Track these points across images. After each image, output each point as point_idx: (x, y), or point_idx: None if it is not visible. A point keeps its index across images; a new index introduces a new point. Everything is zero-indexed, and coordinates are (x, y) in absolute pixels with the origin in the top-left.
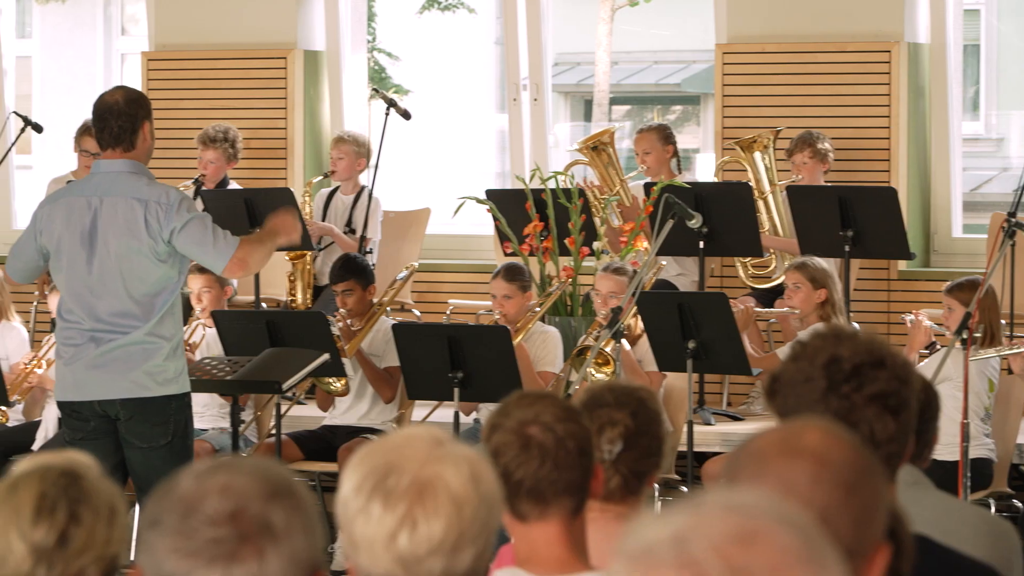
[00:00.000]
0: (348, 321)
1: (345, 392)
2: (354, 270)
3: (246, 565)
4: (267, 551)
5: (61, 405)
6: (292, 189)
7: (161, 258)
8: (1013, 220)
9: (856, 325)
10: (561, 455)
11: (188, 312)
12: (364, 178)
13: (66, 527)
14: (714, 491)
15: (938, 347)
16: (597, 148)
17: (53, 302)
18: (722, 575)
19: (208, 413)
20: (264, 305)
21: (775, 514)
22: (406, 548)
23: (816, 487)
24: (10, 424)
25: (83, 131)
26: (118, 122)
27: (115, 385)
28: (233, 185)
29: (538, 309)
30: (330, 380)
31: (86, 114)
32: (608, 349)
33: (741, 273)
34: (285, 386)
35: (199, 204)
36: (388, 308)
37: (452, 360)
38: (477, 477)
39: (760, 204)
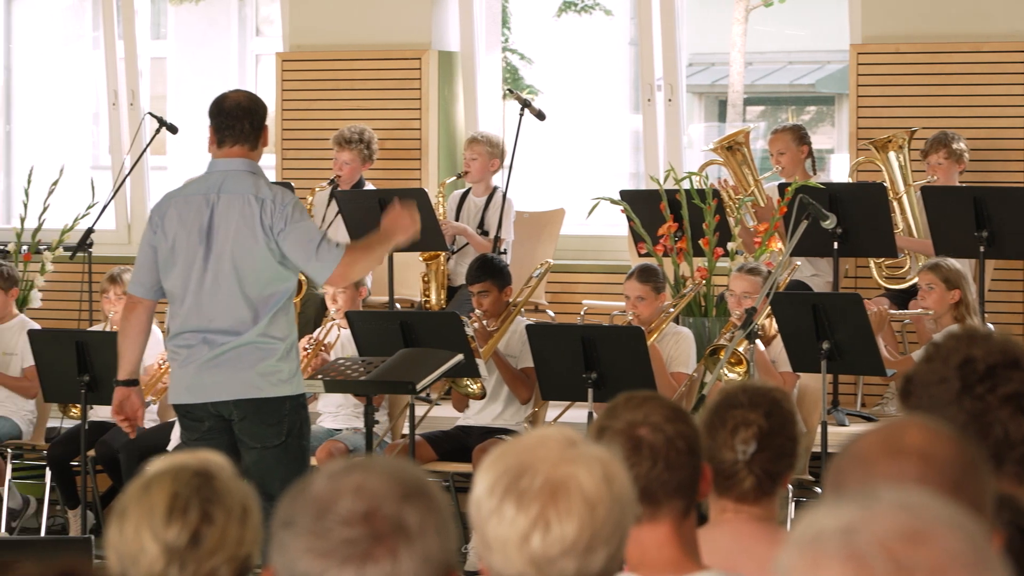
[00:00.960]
0: (484, 322)
1: (482, 395)
2: (491, 271)
3: (380, 565)
4: (400, 551)
5: (176, 407)
6: (426, 190)
7: (276, 257)
8: None
9: (990, 326)
10: (672, 455)
11: (323, 313)
12: (497, 179)
13: (198, 527)
14: (888, 488)
15: None
16: (731, 148)
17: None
18: (887, 571)
19: (342, 413)
20: (398, 306)
21: (946, 517)
22: (539, 549)
23: (924, 485)
24: (145, 425)
25: None
26: (249, 120)
27: (228, 386)
28: (368, 186)
29: (672, 310)
30: (467, 382)
31: None
32: (741, 350)
33: (875, 274)
34: (419, 386)
35: (333, 206)
36: (523, 308)
37: (586, 361)
38: (610, 477)
39: (894, 205)
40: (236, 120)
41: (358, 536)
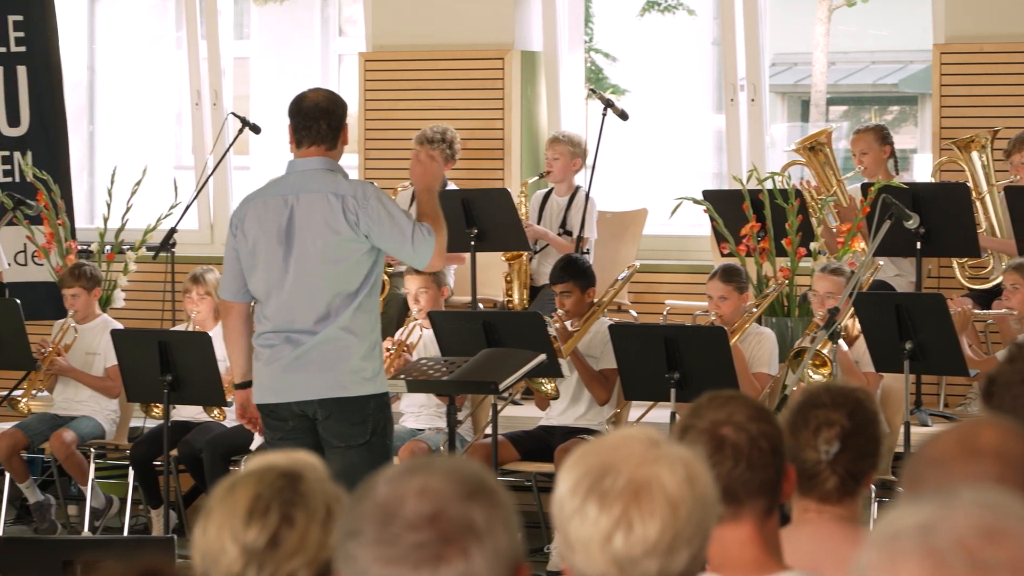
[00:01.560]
0: (566, 322)
1: (556, 395)
2: (575, 272)
3: (453, 566)
4: (471, 550)
5: (260, 406)
6: (508, 190)
7: (359, 254)
8: None
9: None
10: (755, 455)
11: (405, 313)
12: (579, 178)
13: (277, 529)
14: (967, 486)
15: None
16: (814, 148)
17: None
18: (965, 568)
19: (425, 413)
20: (481, 306)
21: None
22: (621, 549)
23: (1001, 485)
24: (228, 424)
25: None
26: (326, 121)
27: (312, 386)
28: (451, 186)
29: (755, 310)
30: (541, 381)
31: None
32: (825, 351)
33: (958, 274)
34: (502, 386)
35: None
36: (605, 309)
37: (668, 361)
38: (693, 478)
39: (977, 204)
40: (313, 120)
41: (427, 539)
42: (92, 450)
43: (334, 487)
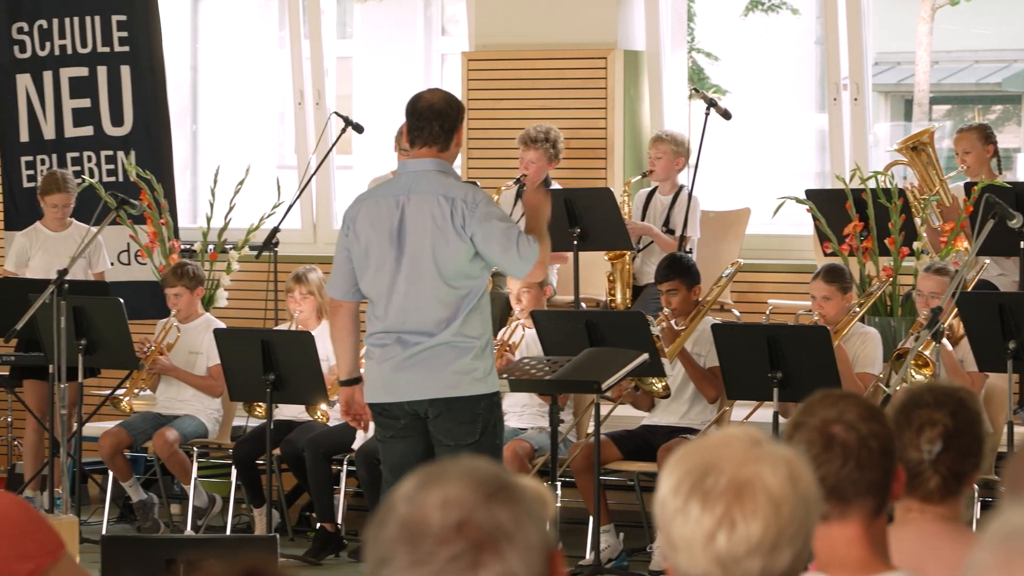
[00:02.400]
0: (672, 321)
1: (666, 394)
2: (680, 270)
3: (490, 569)
4: (505, 550)
5: (371, 405)
6: (611, 189)
7: (469, 256)
8: None
9: None
10: (864, 454)
11: (507, 312)
12: (682, 177)
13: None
14: None
15: None
16: (917, 148)
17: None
18: None
19: (527, 413)
20: (583, 305)
21: None
22: (724, 548)
23: None
24: (331, 424)
25: (403, 131)
26: (439, 123)
27: (424, 385)
28: (554, 185)
29: (858, 310)
30: (652, 380)
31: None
32: (927, 351)
33: None
34: (604, 386)
35: (519, 205)
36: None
37: (771, 360)
38: (795, 477)
39: None
40: (426, 122)
41: (461, 550)
42: (195, 449)
43: None
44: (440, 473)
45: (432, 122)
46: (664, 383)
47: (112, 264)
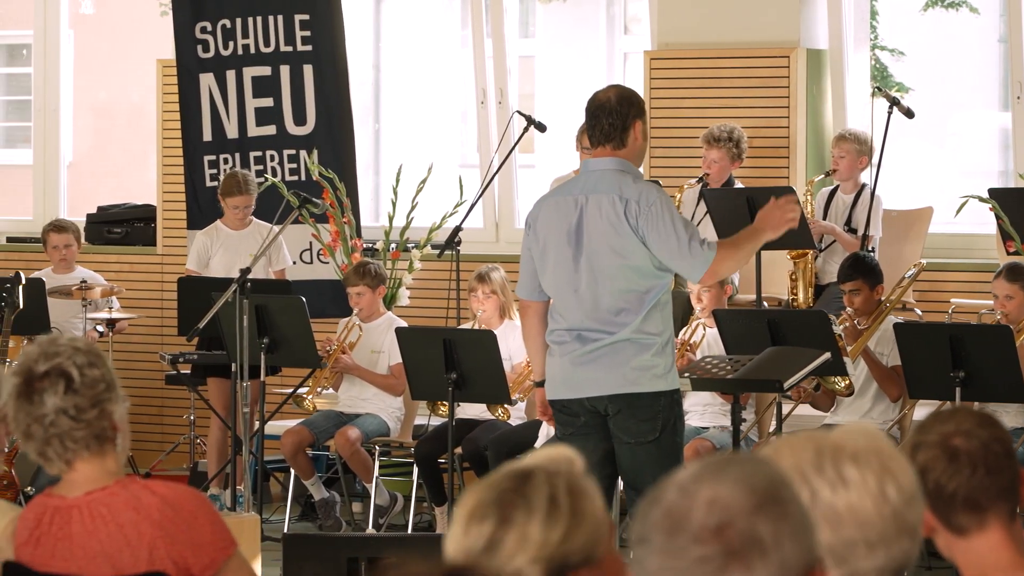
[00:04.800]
0: (855, 320)
1: (849, 392)
2: (863, 270)
3: None
4: (755, 565)
5: (551, 402)
6: (794, 188)
7: (645, 255)
8: None
9: None
10: (990, 459)
11: (688, 311)
12: (865, 176)
13: (494, 532)
14: None
15: None
16: None
17: None
18: None
19: (709, 411)
20: (765, 304)
21: None
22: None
23: None
24: (513, 423)
25: (583, 131)
26: (608, 120)
27: (603, 382)
28: (738, 185)
29: None
30: (835, 379)
31: None
32: None
33: None
34: (786, 385)
35: (702, 204)
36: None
37: (954, 359)
38: (887, 472)
39: None
40: (596, 119)
41: (712, 553)
42: (377, 448)
43: (571, 480)
44: (720, 468)
45: (602, 120)
46: (847, 381)
47: (294, 263)
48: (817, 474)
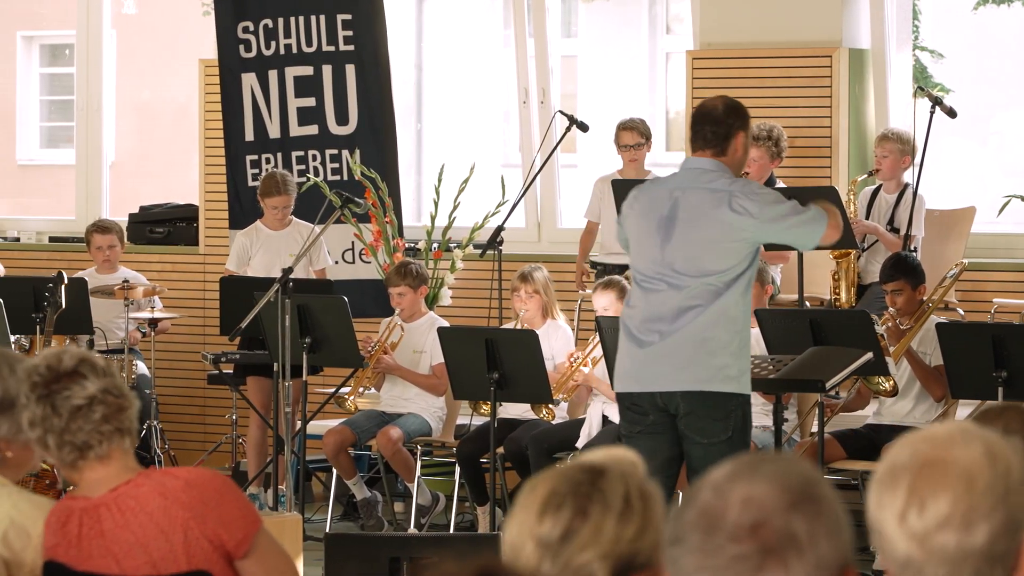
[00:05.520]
0: (897, 320)
1: (893, 392)
2: (905, 270)
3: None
4: (791, 562)
5: (620, 397)
6: (836, 187)
7: (732, 253)
8: None
9: None
10: None
11: None
12: (907, 176)
13: (570, 522)
14: None
15: None
16: None
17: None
18: None
19: (752, 411)
20: (807, 304)
21: None
22: (917, 525)
23: None
24: (555, 422)
25: (620, 128)
26: (712, 128)
27: (677, 377)
28: (779, 184)
29: None
30: (878, 379)
31: (630, 112)
32: None
33: None
34: (828, 385)
35: None
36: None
37: (996, 359)
38: (993, 454)
39: None
40: (700, 125)
41: (748, 552)
42: (419, 447)
43: (642, 482)
44: (754, 467)
45: (706, 127)
46: (892, 382)
47: (336, 262)
48: None
